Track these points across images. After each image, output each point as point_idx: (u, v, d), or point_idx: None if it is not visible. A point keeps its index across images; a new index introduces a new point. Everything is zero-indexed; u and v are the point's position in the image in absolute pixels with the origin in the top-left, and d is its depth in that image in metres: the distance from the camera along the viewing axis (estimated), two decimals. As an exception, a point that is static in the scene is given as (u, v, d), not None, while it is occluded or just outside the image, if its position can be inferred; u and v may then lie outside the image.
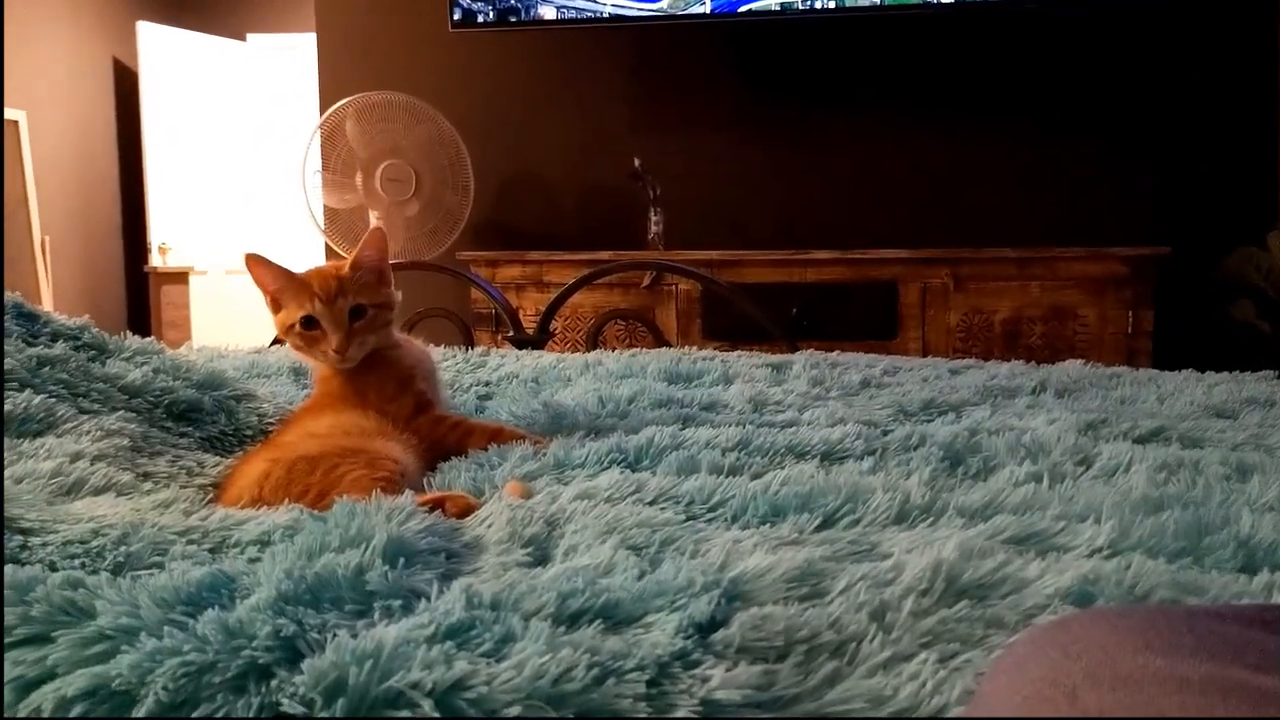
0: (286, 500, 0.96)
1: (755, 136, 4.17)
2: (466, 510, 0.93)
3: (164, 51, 6.53)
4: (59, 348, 1.19)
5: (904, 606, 0.65)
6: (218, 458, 1.13)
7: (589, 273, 2.42)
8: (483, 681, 0.57)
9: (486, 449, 1.16)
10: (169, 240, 6.58)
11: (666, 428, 1.15)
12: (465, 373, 1.75)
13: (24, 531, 0.80)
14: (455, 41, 4.12)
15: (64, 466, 0.96)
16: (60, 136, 5.95)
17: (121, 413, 1.13)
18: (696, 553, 0.75)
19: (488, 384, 1.69)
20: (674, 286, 3.91)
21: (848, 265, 3.74)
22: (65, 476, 0.94)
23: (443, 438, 1.21)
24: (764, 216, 4.18)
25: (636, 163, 3.95)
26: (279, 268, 1.23)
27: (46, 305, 5.41)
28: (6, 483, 0.91)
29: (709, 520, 0.84)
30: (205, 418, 1.21)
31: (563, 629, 0.62)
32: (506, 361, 1.81)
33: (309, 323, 1.19)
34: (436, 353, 1.86)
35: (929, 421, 1.21)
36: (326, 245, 4.25)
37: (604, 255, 3.87)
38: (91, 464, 0.98)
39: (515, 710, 0.55)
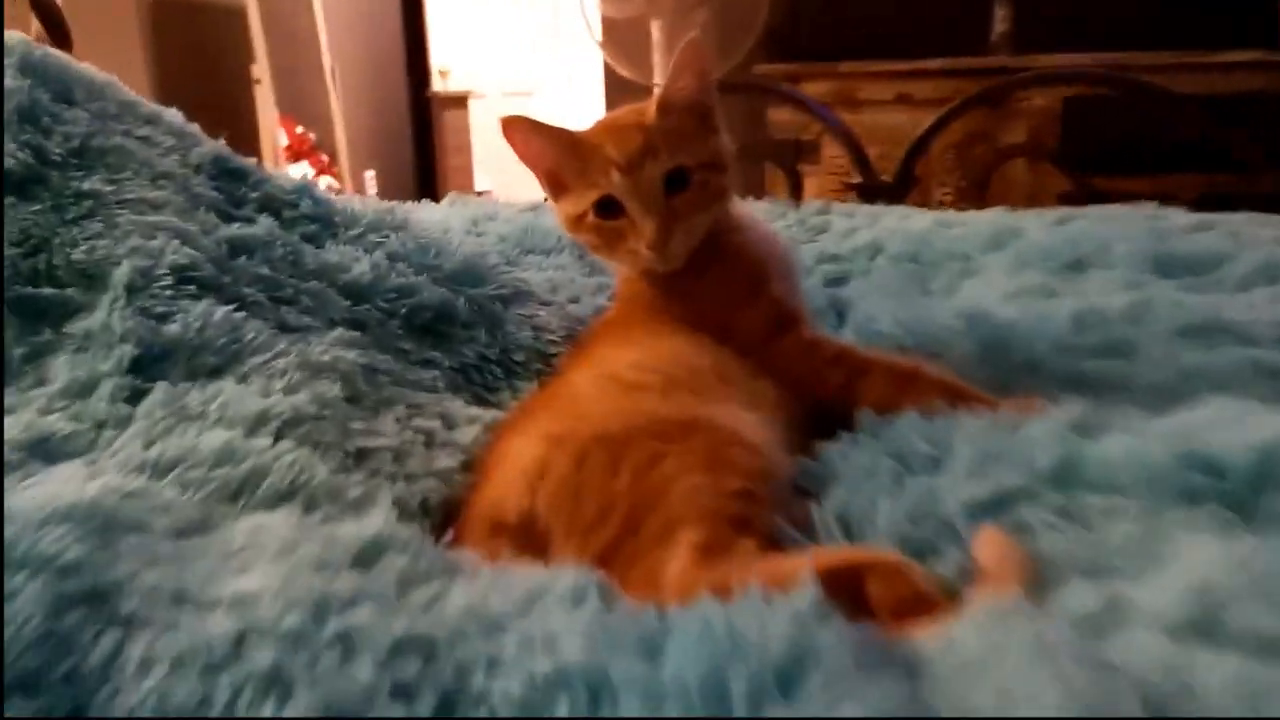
0: (572, 533, 0.55)
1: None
2: (911, 600, 0.46)
3: None
4: (263, 224, 0.83)
5: None
6: (474, 409, 0.73)
7: (972, 95, 1.76)
8: None
9: (897, 408, 0.68)
10: (449, 64, 6.46)
11: (1256, 393, 0.60)
12: (800, 240, 1.26)
13: (126, 622, 0.42)
14: None
15: (236, 444, 0.58)
16: (344, -40, 5.85)
17: (340, 331, 0.75)
18: None
19: (835, 259, 1.19)
20: (1025, 101, 3.11)
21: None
22: (233, 465, 0.57)
23: (818, 377, 0.74)
24: (1146, 4, 3.20)
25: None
26: (552, 129, 0.78)
27: (338, 134, 5.46)
28: (144, 483, 0.55)
29: None
30: (459, 333, 0.81)
31: None
32: (858, 222, 1.29)
33: (607, 207, 0.75)
34: (755, 212, 1.37)
35: None
36: (605, 65, 3.80)
37: (933, 64, 3.15)
38: (277, 438, 0.60)
39: None
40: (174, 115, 0.95)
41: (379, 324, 0.78)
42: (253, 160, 0.95)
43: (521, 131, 0.79)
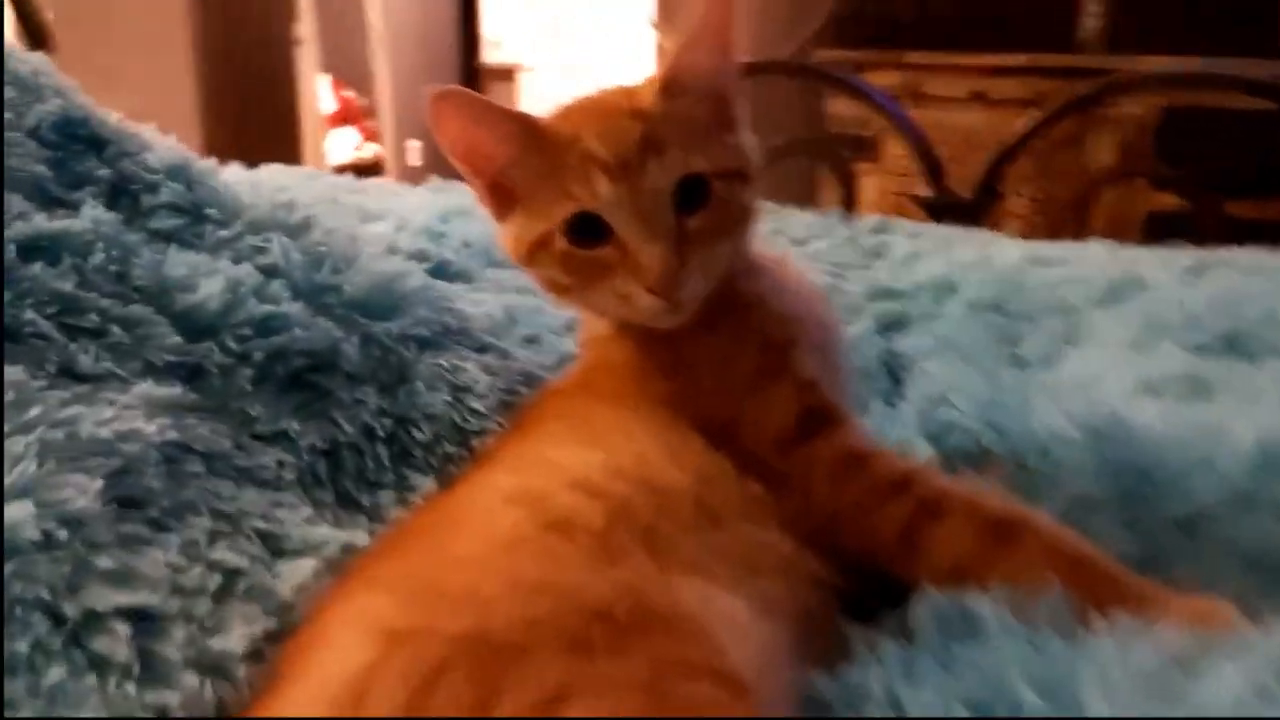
0: None
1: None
2: None
3: None
4: (88, 216, 0.58)
5: None
6: (322, 528, 0.48)
7: (1075, 98, 1.45)
8: None
9: (982, 579, 0.42)
10: (500, 35, 6.24)
11: None
12: (850, 265, 0.99)
13: None
14: None
15: None
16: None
17: (147, 385, 0.50)
18: None
19: (892, 294, 0.92)
20: (1115, 109, 2.78)
21: None
22: None
23: (865, 512, 0.48)
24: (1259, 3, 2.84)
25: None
26: (503, 112, 0.54)
27: (382, 100, 5.26)
28: None
29: None
30: (340, 392, 0.56)
31: None
32: (924, 245, 1.02)
33: (586, 229, 0.51)
34: (796, 224, 1.11)
35: None
36: (658, 47, 3.53)
37: (1014, 60, 2.84)
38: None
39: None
40: (27, 61, 0.71)
41: (221, 374, 0.54)
42: (144, 126, 0.71)
43: (457, 111, 0.54)
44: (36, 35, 1.42)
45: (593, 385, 0.56)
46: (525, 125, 0.54)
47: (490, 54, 6.13)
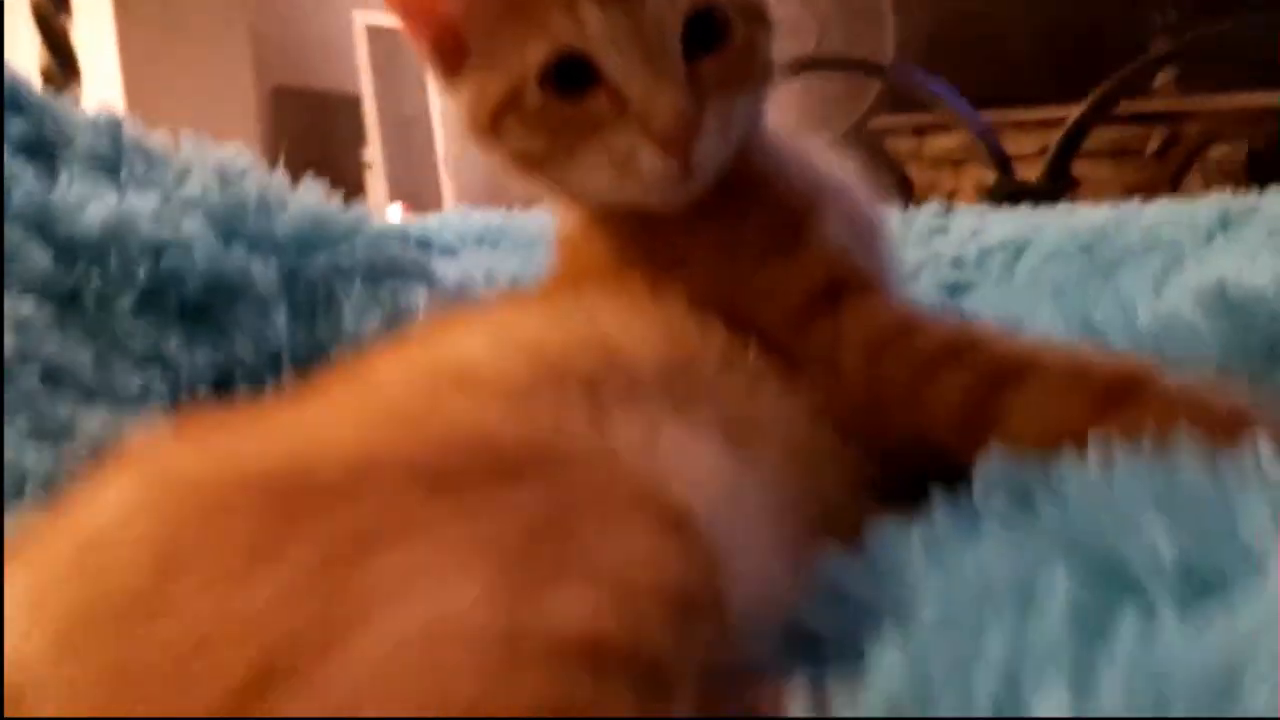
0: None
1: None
2: None
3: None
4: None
5: None
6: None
7: (1141, 66, 1.32)
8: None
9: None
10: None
11: None
12: (911, 243, 0.86)
13: None
14: None
15: None
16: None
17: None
18: None
19: (956, 263, 0.79)
20: (1201, 152, 2.61)
21: None
22: None
23: (916, 384, 0.34)
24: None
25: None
26: None
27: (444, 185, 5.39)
28: None
29: None
30: (247, 313, 0.45)
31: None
32: (990, 222, 0.88)
33: (569, 76, 0.38)
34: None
35: None
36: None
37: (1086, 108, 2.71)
38: None
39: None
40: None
41: (98, 299, 0.44)
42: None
43: None
44: (66, 62, 1.38)
45: (555, 286, 0.44)
46: None
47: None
